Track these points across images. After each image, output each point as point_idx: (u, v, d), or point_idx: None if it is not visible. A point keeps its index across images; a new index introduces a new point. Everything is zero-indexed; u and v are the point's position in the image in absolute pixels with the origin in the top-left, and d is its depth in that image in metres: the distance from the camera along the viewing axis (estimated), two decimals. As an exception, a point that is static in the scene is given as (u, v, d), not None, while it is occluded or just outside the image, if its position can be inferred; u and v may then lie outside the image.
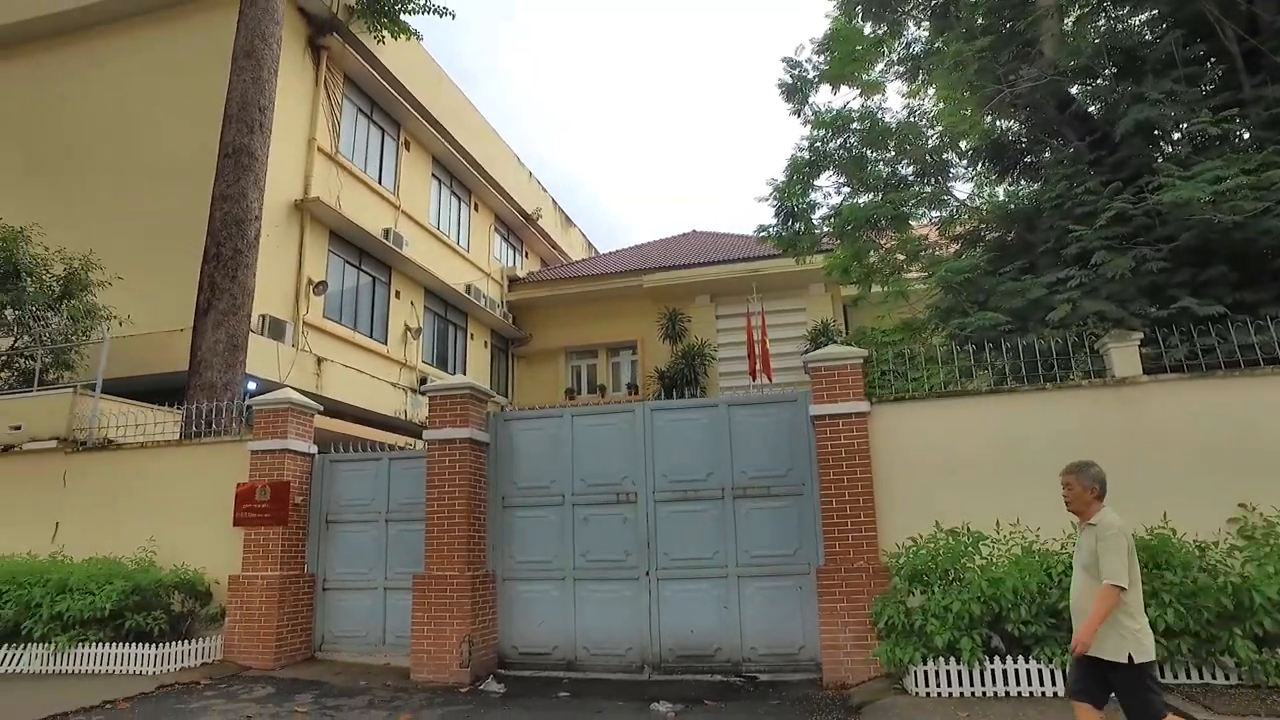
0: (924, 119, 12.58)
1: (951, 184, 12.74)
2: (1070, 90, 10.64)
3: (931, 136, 12.41)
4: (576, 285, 21.94)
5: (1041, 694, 5.95)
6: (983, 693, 6.07)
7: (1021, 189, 11.95)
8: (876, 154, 12.56)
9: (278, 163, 13.10)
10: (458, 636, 7.74)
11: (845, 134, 12.46)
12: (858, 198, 12.60)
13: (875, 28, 12.49)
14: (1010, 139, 11.93)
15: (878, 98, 12.95)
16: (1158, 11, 10.07)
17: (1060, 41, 9.66)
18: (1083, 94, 10.86)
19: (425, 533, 8.23)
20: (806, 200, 13.00)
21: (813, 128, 12.72)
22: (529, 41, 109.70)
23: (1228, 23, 9.03)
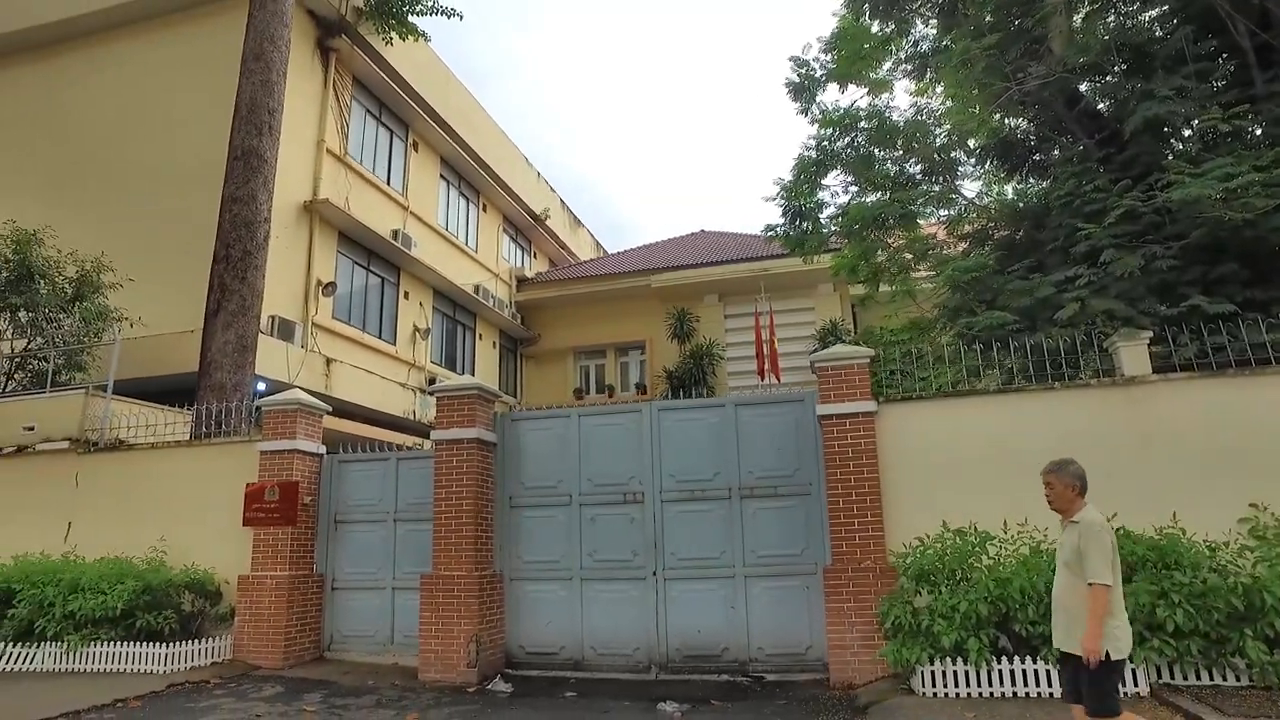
0: (932, 117, 12.55)
1: (959, 182, 12.71)
2: (1079, 87, 10.58)
3: (939, 135, 12.37)
4: (585, 285, 21.96)
5: (1049, 695, 5.90)
6: (990, 693, 6.04)
7: (1030, 187, 11.89)
8: (884, 153, 12.54)
9: (287, 164, 13.18)
10: (465, 636, 7.76)
11: (853, 133, 12.45)
12: (865, 197, 12.58)
13: (883, 26, 12.47)
14: (1019, 137, 11.86)
15: (885, 96, 12.95)
16: (1168, 7, 10.01)
17: (1069, 38, 9.59)
18: (1092, 91, 10.80)
19: (433, 533, 8.25)
20: (814, 199, 12.99)
21: (820, 127, 12.71)
22: (536, 42, 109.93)
23: (1239, 18, 8.94)
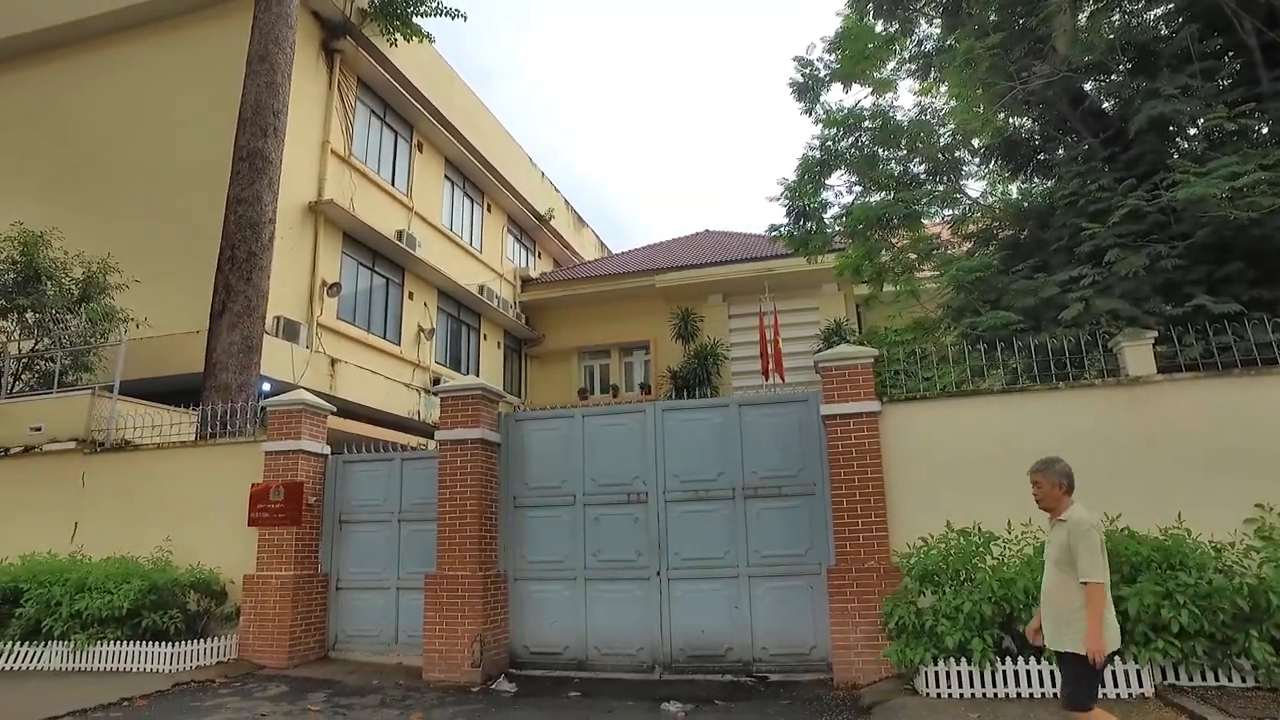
0: (936, 117, 12.51)
1: (964, 182, 12.68)
2: (1084, 86, 10.54)
3: (943, 134, 12.34)
4: (589, 285, 21.98)
5: (1053, 695, 5.87)
6: (994, 694, 6.03)
7: (1034, 187, 11.85)
8: (888, 152, 12.50)
9: (291, 166, 13.22)
10: (469, 636, 7.78)
11: (857, 133, 12.41)
12: (869, 197, 12.55)
13: (886, 26, 12.44)
14: (1023, 136, 11.83)
15: (889, 96, 12.91)
16: (1173, 5, 9.97)
17: (1073, 37, 9.55)
18: (1096, 90, 10.76)
19: (437, 533, 8.26)
20: (818, 199, 12.97)
21: (824, 126, 12.67)
22: (538, 42, 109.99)
23: (1246, 15, 8.89)
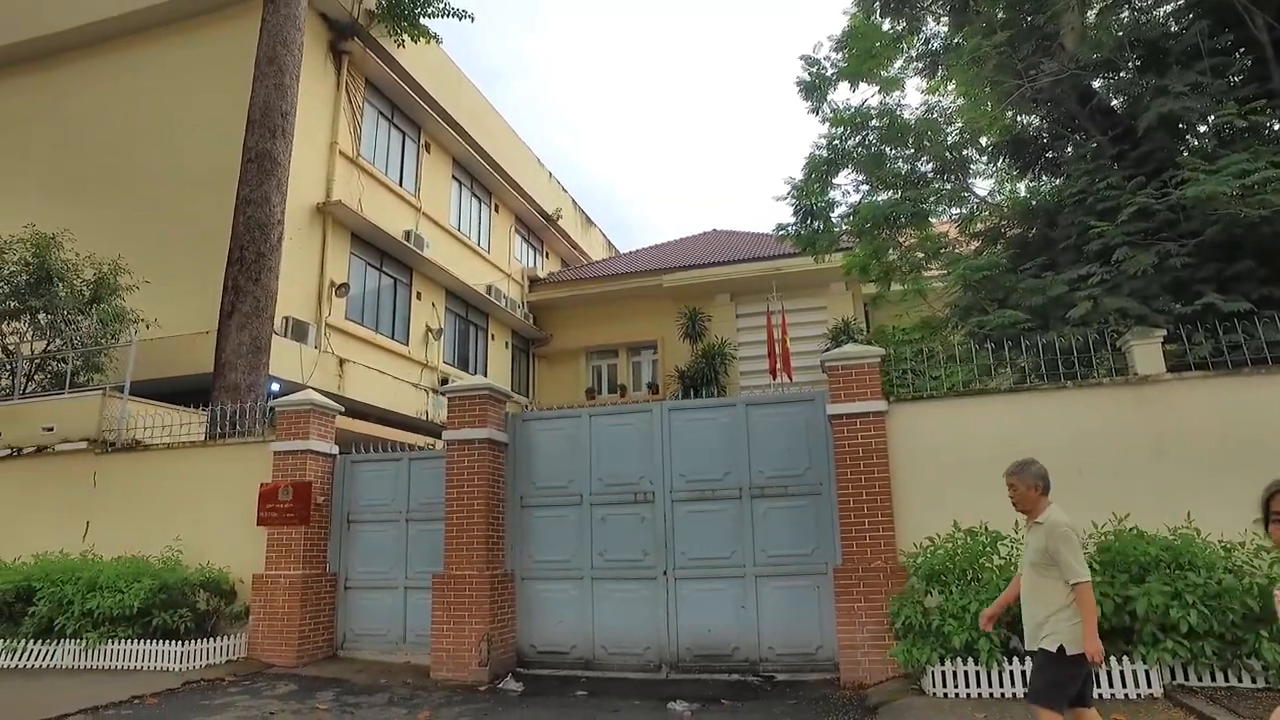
0: (943, 115, 12.48)
1: (971, 181, 12.64)
2: (1092, 84, 10.49)
3: (951, 133, 12.30)
4: (597, 285, 22.00)
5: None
6: (1001, 693, 6.01)
7: (1042, 185, 11.80)
8: (895, 151, 12.47)
9: (300, 167, 13.29)
10: (477, 635, 7.80)
11: (864, 131, 12.39)
12: (876, 195, 12.52)
13: (894, 24, 12.41)
14: (1031, 134, 11.78)
15: (896, 95, 12.88)
16: (1183, 1, 9.90)
17: (1081, 35, 9.51)
18: (1105, 88, 10.70)
19: (445, 532, 8.30)
20: (825, 198, 12.95)
21: (831, 125, 12.66)
22: (545, 43, 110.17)
23: (1257, 11, 8.83)
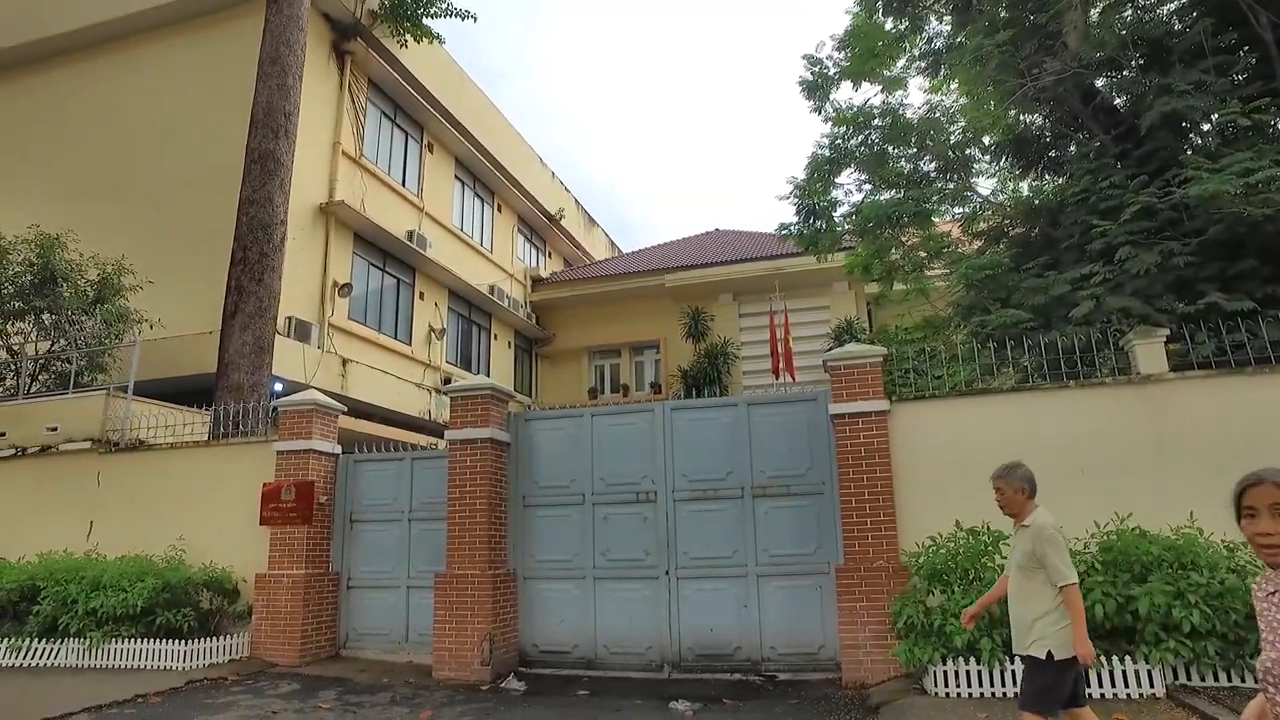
0: (946, 114, 12.43)
1: (974, 180, 12.59)
2: (1095, 83, 10.46)
3: (954, 132, 12.25)
4: (599, 285, 22.00)
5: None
6: (1003, 693, 6.00)
7: (1045, 184, 11.76)
8: (898, 150, 12.43)
9: (303, 167, 13.32)
10: (479, 635, 7.82)
11: (866, 131, 12.35)
12: (879, 195, 12.48)
13: (896, 23, 12.37)
14: (1033, 133, 11.75)
15: (899, 94, 12.80)
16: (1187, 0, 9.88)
17: (1084, 33, 9.48)
18: (1108, 86, 10.68)
19: (447, 532, 8.31)
20: (828, 198, 12.90)
21: (834, 125, 12.61)
22: (547, 43, 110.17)
23: (1261, 9, 8.79)
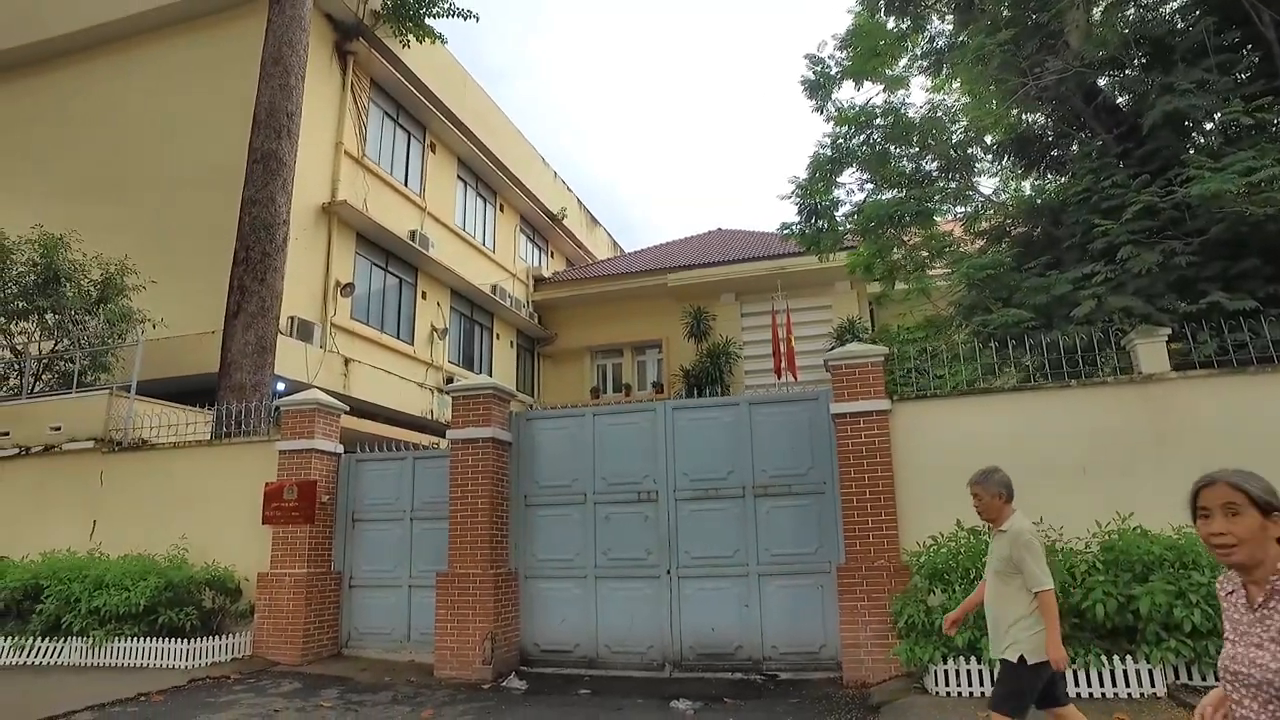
0: (948, 114, 12.41)
1: (976, 179, 12.58)
2: (1097, 82, 10.45)
3: (955, 131, 12.24)
4: (601, 285, 22.00)
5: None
6: (1004, 693, 6.00)
7: (1047, 183, 11.73)
8: (900, 150, 12.41)
9: (305, 167, 13.34)
10: (480, 634, 7.83)
11: (868, 130, 12.34)
12: (881, 194, 12.47)
13: (898, 22, 12.36)
14: (1035, 132, 11.73)
15: (901, 93, 12.78)
16: (1189, -2, 9.86)
17: (1086, 32, 9.47)
18: (1110, 85, 10.67)
19: (449, 531, 8.33)
20: (829, 197, 12.90)
21: (835, 124, 12.61)
22: (548, 43, 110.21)
23: (1263, 8, 8.77)
